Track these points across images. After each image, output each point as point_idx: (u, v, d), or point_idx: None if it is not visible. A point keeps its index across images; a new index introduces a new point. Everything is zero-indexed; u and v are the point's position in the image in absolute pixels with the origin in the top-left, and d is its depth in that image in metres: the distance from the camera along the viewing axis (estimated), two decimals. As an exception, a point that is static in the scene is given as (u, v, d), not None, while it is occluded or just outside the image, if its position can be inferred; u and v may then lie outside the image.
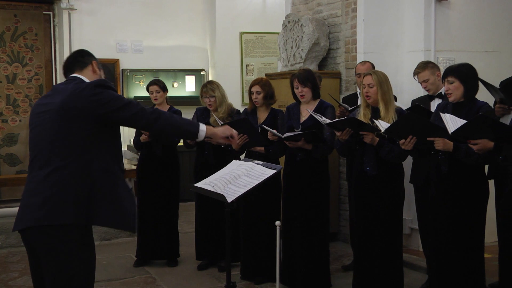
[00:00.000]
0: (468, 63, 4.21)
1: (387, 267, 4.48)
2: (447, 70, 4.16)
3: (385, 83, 4.42)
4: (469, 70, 4.10)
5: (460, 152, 3.89)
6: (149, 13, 9.64)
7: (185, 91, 9.84)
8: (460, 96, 4.05)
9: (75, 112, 2.98)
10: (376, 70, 4.65)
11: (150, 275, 5.58)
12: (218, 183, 3.71)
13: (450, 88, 4.06)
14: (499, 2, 6.16)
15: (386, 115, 4.36)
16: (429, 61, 5.33)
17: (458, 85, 4.04)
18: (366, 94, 4.44)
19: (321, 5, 6.82)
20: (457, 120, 3.71)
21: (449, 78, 4.06)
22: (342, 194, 6.47)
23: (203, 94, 5.58)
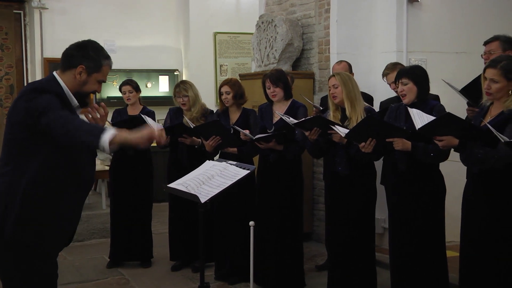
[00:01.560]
0: (419, 65, 4.32)
1: (360, 266, 4.52)
2: (401, 71, 4.24)
3: (349, 82, 4.47)
4: (422, 72, 4.20)
5: (418, 151, 3.97)
6: (122, 12, 9.57)
7: (159, 91, 9.80)
8: (414, 97, 4.13)
9: (16, 117, 2.81)
10: (340, 71, 4.73)
11: (123, 276, 5.54)
12: (191, 183, 3.70)
13: (404, 89, 4.14)
14: (470, 4, 6.24)
15: (354, 113, 4.40)
16: (397, 63, 5.38)
17: (411, 86, 4.12)
18: (333, 95, 4.49)
19: (294, 5, 6.84)
20: (424, 116, 3.77)
21: (403, 80, 4.14)
22: (316, 194, 6.50)
23: (176, 94, 5.56)
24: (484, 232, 3.69)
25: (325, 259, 5.34)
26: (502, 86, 3.60)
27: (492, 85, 3.62)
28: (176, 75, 9.92)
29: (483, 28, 5.99)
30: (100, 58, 2.99)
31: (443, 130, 3.67)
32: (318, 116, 4.56)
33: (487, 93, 3.66)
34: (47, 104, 2.76)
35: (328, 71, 6.28)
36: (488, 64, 3.70)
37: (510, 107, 3.58)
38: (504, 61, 3.64)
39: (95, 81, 2.99)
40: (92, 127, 2.78)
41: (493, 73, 3.61)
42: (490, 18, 6.21)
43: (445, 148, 3.75)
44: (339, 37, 6.18)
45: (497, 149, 3.53)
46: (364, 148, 4.09)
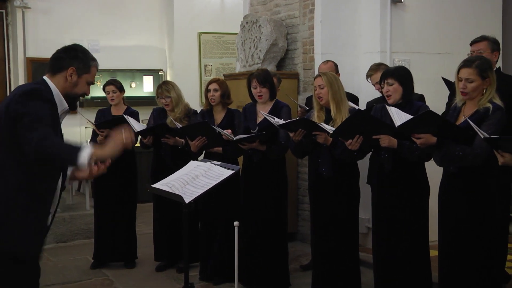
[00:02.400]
0: (404, 66, 4.35)
1: (344, 266, 4.53)
2: (386, 72, 4.26)
3: (335, 83, 4.48)
4: (406, 73, 4.22)
5: (404, 149, 3.99)
6: (106, 12, 9.52)
7: (143, 92, 9.76)
8: (399, 97, 4.15)
9: (7, 121, 2.80)
10: (326, 71, 4.73)
11: (107, 277, 5.51)
12: (176, 183, 3.69)
13: (390, 90, 4.15)
14: (452, 5, 6.29)
15: (338, 115, 4.42)
16: (381, 63, 5.40)
17: (397, 87, 4.14)
18: (318, 96, 4.50)
19: (279, 6, 6.85)
20: (401, 114, 3.80)
21: (389, 80, 4.15)
22: (301, 194, 6.51)
23: (159, 95, 5.55)
24: (462, 230, 3.73)
25: (310, 259, 5.35)
26: (478, 85, 3.66)
27: (468, 85, 3.67)
28: (160, 75, 9.89)
29: (466, 29, 6.05)
30: (88, 60, 3.05)
31: (422, 129, 3.71)
32: (303, 118, 4.57)
33: (463, 93, 3.71)
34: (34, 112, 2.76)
35: (313, 71, 6.30)
36: (462, 64, 3.75)
37: (485, 105, 3.65)
38: (478, 60, 3.71)
39: (85, 82, 3.05)
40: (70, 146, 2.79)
41: (469, 73, 3.66)
42: (472, 19, 6.27)
43: (423, 146, 3.78)
44: (323, 37, 6.20)
45: (473, 147, 3.58)
46: (351, 145, 4.10)
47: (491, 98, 3.68)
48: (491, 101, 3.66)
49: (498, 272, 4.14)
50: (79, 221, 7.56)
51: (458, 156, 3.63)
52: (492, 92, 3.69)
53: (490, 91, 3.68)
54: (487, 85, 3.69)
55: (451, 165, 3.76)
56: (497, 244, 3.93)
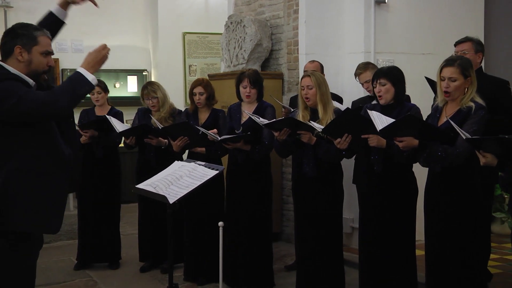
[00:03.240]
0: (397, 67, 4.33)
1: (328, 266, 4.54)
2: (378, 72, 4.24)
3: (323, 84, 4.48)
4: (399, 74, 4.22)
5: (393, 149, 3.99)
6: (89, 12, 9.37)
7: (127, 92, 9.73)
8: (390, 98, 4.15)
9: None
10: (314, 72, 4.71)
11: (91, 278, 5.49)
12: (160, 184, 3.68)
13: (382, 90, 4.14)
14: (436, 6, 6.33)
15: (324, 116, 4.42)
16: (369, 62, 5.42)
17: (389, 87, 4.13)
18: (305, 96, 4.49)
19: (263, 6, 6.86)
20: (383, 118, 3.82)
21: (381, 80, 4.14)
22: (285, 194, 6.52)
23: (145, 96, 5.53)
24: (447, 230, 3.76)
25: (294, 259, 5.35)
26: (460, 83, 3.69)
27: (451, 84, 3.69)
28: (144, 75, 9.86)
29: (449, 30, 6.10)
30: (30, 32, 2.99)
31: (404, 131, 3.73)
32: (289, 117, 4.57)
33: (446, 93, 3.73)
34: (13, 89, 2.80)
35: (297, 72, 6.31)
36: (444, 64, 3.77)
37: (467, 104, 3.67)
38: (459, 59, 3.74)
39: (39, 54, 2.99)
40: (70, 81, 2.95)
41: (452, 71, 3.69)
42: (455, 20, 6.32)
43: (405, 149, 3.81)
44: (308, 37, 6.21)
45: (455, 146, 3.61)
46: (340, 144, 4.11)
47: (473, 97, 3.71)
48: (473, 100, 3.69)
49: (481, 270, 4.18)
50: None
51: (441, 156, 3.65)
52: (473, 91, 3.72)
53: (472, 90, 3.72)
54: (468, 84, 3.72)
55: (434, 166, 3.78)
56: (481, 243, 3.97)
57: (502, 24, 7.22)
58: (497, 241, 6.25)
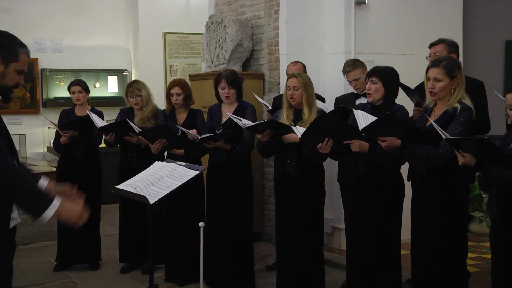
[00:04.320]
0: (393, 68, 4.32)
1: (309, 265, 4.56)
2: (373, 70, 4.24)
3: (309, 85, 4.49)
4: (392, 76, 4.21)
5: (375, 153, 4.01)
6: (69, 11, 9.41)
7: (108, 92, 9.67)
8: (379, 97, 4.16)
9: None
10: (301, 73, 4.71)
11: (70, 280, 5.45)
12: (140, 184, 3.67)
13: (371, 88, 4.15)
14: (415, 8, 6.39)
15: (309, 117, 4.43)
16: (357, 59, 5.43)
17: (379, 87, 4.13)
18: (291, 96, 4.49)
19: (244, 6, 6.86)
20: (368, 117, 3.84)
21: (374, 79, 4.14)
22: (266, 194, 6.53)
23: (129, 94, 5.52)
24: (432, 229, 3.79)
25: (275, 259, 5.36)
26: (446, 84, 3.71)
27: (436, 84, 3.72)
28: (125, 75, 9.81)
29: (428, 31, 6.15)
30: (15, 47, 2.83)
31: (386, 131, 3.75)
32: (272, 120, 4.57)
33: (431, 93, 3.76)
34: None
35: (278, 72, 6.33)
36: (430, 64, 3.80)
37: (453, 105, 3.70)
38: (445, 60, 3.76)
39: (14, 71, 2.84)
40: (41, 193, 2.69)
41: (437, 72, 3.71)
42: (434, 22, 6.37)
43: (388, 148, 3.83)
44: (289, 38, 6.23)
45: (438, 147, 3.64)
46: (322, 149, 4.11)
47: (460, 98, 3.72)
48: (460, 101, 3.71)
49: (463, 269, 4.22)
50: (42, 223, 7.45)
51: (423, 157, 3.68)
52: (460, 92, 3.73)
53: (458, 91, 3.73)
54: (455, 85, 3.73)
55: (419, 166, 3.81)
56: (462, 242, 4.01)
57: (480, 25, 7.31)
58: (476, 240, 6.33)
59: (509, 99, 3.31)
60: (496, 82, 7.10)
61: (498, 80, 7.33)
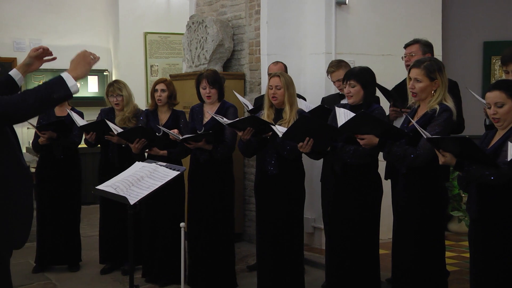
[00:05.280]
0: (369, 68, 4.36)
1: (289, 265, 4.57)
2: (349, 73, 4.28)
3: (291, 85, 4.52)
4: (369, 76, 4.26)
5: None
6: (48, 11, 9.33)
7: (88, 92, 9.61)
8: (359, 99, 4.20)
9: None
10: (283, 72, 4.74)
11: (50, 281, 5.40)
12: (120, 185, 3.65)
13: (351, 91, 4.19)
14: (395, 8, 6.43)
15: (289, 116, 4.45)
16: (341, 60, 5.46)
17: (359, 89, 4.18)
18: (273, 96, 4.50)
19: (225, 6, 6.86)
20: (350, 115, 3.88)
21: (352, 82, 4.19)
22: (247, 194, 6.53)
23: (110, 93, 5.49)
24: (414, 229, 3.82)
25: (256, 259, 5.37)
26: (425, 85, 3.74)
27: (416, 85, 3.75)
28: (105, 75, 9.75)
29: (408, 31, 6.18)
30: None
31: (364, 129, 3.78)
32: (252, 116, 4.58)
33: (412, 93, 3.79)
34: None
35: (259, 72, 6.33)
36: (412, 64, 3.84)
37: (433, 106, 3.73)
38: (427, 61, 3.79)
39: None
40: (48, 83, 2.85)
41: (417, 73, 3.75)
42: (414, 22, 6.42)
43: (366, 146, 3.86)
44: (270, 38, 6.24)
45: (417, 147, 3.67)
46: (302, 148, 4.14)
47: (442, 99, 3.75)
48: (440, 103, 3.74)
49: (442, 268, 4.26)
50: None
51: (399, 156, 3.71)
52: (441, 94, 3.75)
53: (439, 92, 3.75)
54: (436, 87, 3.76)
55: (399, 166, 3.83)
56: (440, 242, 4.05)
57: (459, 26, 7.38)
58: (455, 239, 6.39)
59: (488, 98, 3.34)
60: (474, 82, 7.18)
61: (477, 81, 7.40)
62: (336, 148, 4.11)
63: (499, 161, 3.19)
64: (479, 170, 3.22)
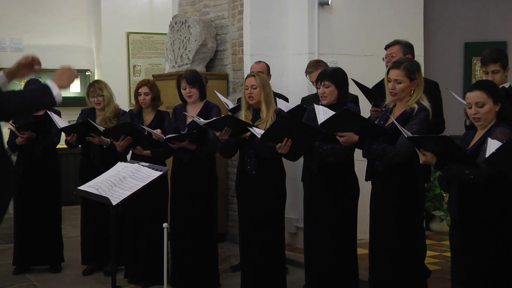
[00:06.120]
0: (341, 68, 4.41)
1: (270, 265, 4.58)
2: (323, 74, 4.31)
3: (267, 85, 4.54)
4: (343, 77, 4.30)
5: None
6: (30, 10, 9.25)
7: (70, 92, 9.53)
8: (333, 99, 4.24)
9: None
10: (259, 72, 4.76)
11: (31, 283, 5.36)
12: (102, 185, 3.63)
13: (326, 91, 4.22)
14: (377, 9, 6.47)
15: (267, 116, 4.47)
16: (320, 60, 5.47)
17: (333, 89, 4.22)
18: (249, 95, 4.52)
19: (208, 6, 6.85)
20: (328, 113, 3.90)
21: (326, 82, 4.22)
22: (230, 195, 6.53)
23: (91, 94, 5.46)
24: (390, 228, 3.84)
25: (239, 259, 5.37)
26: (406, 86, 3.79)
27: (396, 86, 3.79)
28: (88, 75, 9.69)
29: (390, 32, 6.22)
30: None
31: (344, 127, 3.80)
32: (228, 115, 4.58)
33: (392, 94, 3.82)
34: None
35: (242, 72, 6.34)
36: (391, 66, 3.87)
37: (411, 105, 3.78)
38: (406, 62, 3.83)
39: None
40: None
41: (397, 74, 3.78)
42: (396, 23, 6.46)
43: (346, 144, 3.90)
44: (252, 38, 6.25)
45: (395, 145, 3.71)
46: (281, 149, 4.14)
47: (419, 99, 3.80)
48: (418, 102, 3.78)
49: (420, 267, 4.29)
50: (1, 225, 7.30)
51: (378, 154, 3.75)
52: (419, 94, 3.81)
53: (417, 92, 3.81)
54: (415, 87, 3.81)
55: (377, 165, 3.86)
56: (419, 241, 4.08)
57: (440, 27, 7.44)
58: (436, 239, 6.43)
59: (468, 98, 3.38)
60: (455, 83, 7.24)
61: (458, 81, 7.46)
62: (313, 147, 4.12)
63: (479, 160, 3.23)
64: (459, 169, 3.25)
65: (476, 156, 3.28)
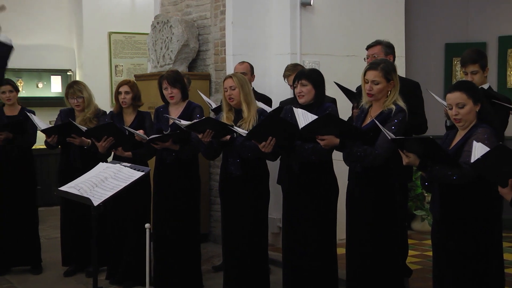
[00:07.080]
0: (318, 70, 4.45)
1: (253, 265, 4.58)
2: (300, 73, 4.33)
3: (246, 84, 4.54)
4: (320, 77, 4.33)
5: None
6: (10, 9, 9.02)
7: (51, 92, 9.46)
8: (310, 98, 4.25)
9: None
10: (236, 73, 4.78)
11: (12, 284, 5.31)
12: (84, 186, 3.62)
13: (303, 91, 4.24)
14: (359, 10, 6.49)
15: (249, 115, 4.47)
16: (297, 64, 5.50)
17: (310, 88, 4.24)
18: (229, 97, 4.52)
19: (190, 6, 6.84)
20: (308, 116, 3.91)
21: (303, 81, 4.24)
22: (213, 195, 6.52)
23: (70, 96, 5.42)
24: (367, 228, 3.88)
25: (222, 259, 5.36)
26: (383, 86, 3.82)
27: (374, 87, 3.82)
28: (69, 75, 9.62)
29: (372, 32, 6.24)
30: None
31: (325, 130, 3.82)
32: (209, 117, 4.58)
33: (369, 95, 3.85)
34: None
35: (224, 72, 6.33)
36: (368, 67, 3.90)
37: (389, 106, 3.81)
38: (383, 63, 3.87)
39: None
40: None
41: (375, 75, 3.81)
42: (378, 24, 6.49)
43: (327, 147, 3.92)
44: (235, 38, 6.24)
45: (375, 147, 3.74)
46: (264, 148, 4.15)
47: (395, 100, 3.84)
48: (395, 103, 3.82)
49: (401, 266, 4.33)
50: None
51: (360, 156, 3.78)
52: (396, 94, 3.86)
53: (394, 93, 3.86)
54: (391, 87, 3.85)
55: (355, 165, 3.89)
56: (398, 240, 4.11)
57: (421, 27, 7.49)
58: (418, 238, 6.48)
59: (449, 99, 3.41)
60: (436, 83, 7.30)
61: (438, 82, 7.52)
62: (295, 146, 4.13)
63: (461, 161, 3.26)
64: (442, 170, 3.28)
65: (458, 157, 3.30)
